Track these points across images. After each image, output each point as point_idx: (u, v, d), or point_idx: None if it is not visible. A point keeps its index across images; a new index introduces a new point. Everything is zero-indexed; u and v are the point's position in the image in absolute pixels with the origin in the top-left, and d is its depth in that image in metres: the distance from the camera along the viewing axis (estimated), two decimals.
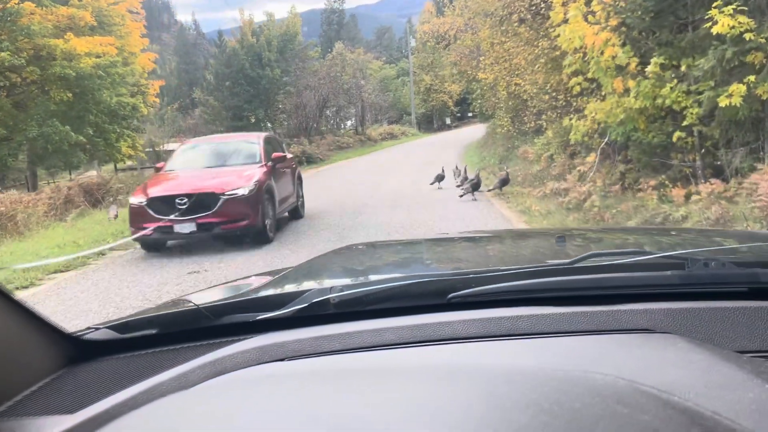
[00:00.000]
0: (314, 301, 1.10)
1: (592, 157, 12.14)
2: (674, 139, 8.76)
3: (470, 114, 54.98)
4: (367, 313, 1.10)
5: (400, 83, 51.41)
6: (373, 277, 1.47)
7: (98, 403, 0.91)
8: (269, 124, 32.15)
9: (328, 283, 1.38)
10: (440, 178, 14.89)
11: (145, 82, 21.71)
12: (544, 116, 14.61)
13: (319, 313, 1.10)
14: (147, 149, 48.40)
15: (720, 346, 0.91)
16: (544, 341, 0.96)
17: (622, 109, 9.21)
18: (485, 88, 21.59)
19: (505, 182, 12.65)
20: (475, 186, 12.68)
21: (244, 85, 30.14)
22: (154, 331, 1.15)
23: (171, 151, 43.01)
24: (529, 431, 0.59)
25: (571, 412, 0.62)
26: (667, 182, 9.06)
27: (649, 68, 8.80)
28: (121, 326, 1.14)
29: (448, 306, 1.08)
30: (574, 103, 11.86)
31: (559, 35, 9.84)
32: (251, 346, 1.01)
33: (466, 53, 23.55)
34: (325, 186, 16.03)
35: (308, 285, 1.37)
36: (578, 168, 11.88)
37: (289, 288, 1.39)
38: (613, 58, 9.19)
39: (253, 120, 31.45)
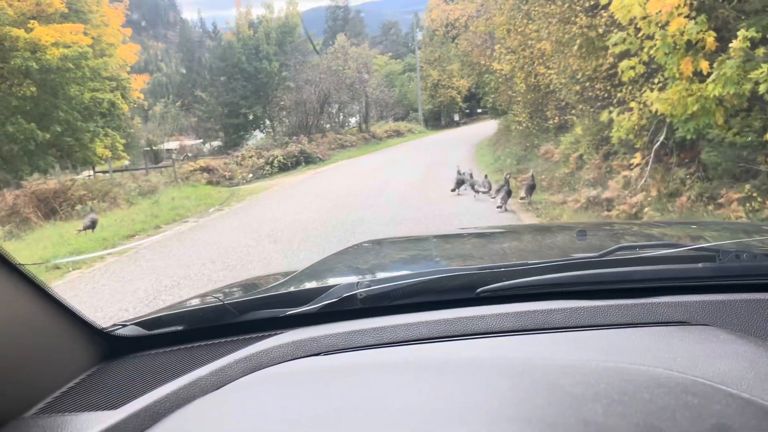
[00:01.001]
0: (343, 296, 1.09)
1: (637, 159, 9.91)
2: (767, 137, 6.55)
3: (479, 110, 52.60)
4: (393, 308, 1.08)
5: (407, 79, 49.09)
6: (395, 273, 1.41)
7: (139, 399, 0.90)
8: (268, 122, 30.02)
9: (351, 279, 1.30)
10: (461, 182, 12.69)
11: (126, 76, 19.54)
12: (573, 110, 12.35)
13: (346, 308, 1.09)
14: (145, 148, 46.60)
15: (758, 337, 0.89)
16: (579, 334, 0.93)
17: (694, 99, 6.93)
18: (500, 80, 19.31)
19: (532, 188, 10.45)
20: (508, 193, 10.72)
21: (241, 80, 28.04)
22: (180, 328, 1.14)
23: (170, 150, 40.79)
24: (608, 422, 0.58)
25: (642, 402, 0.62)
26: (755, 194, 6.83)
27: (734, 44, 6.52)
28: (149, 323, 1.13)
29: (476, 300, 1.07)
30: (619, 93, 9.61)
31: (607, 4, 7.62)
32: (286, 341, 0.99)
33: (478, 43, 21.27)
34: (317, 193, 13.84)
35: (332, 281, 1.33)
36: (623, 173, 9.63)
37: (312, 284, 1.35)
38: (682, 33, 6.90)
39: (251, 117, 29.33)
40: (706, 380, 0.69)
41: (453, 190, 12.40)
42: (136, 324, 1.13)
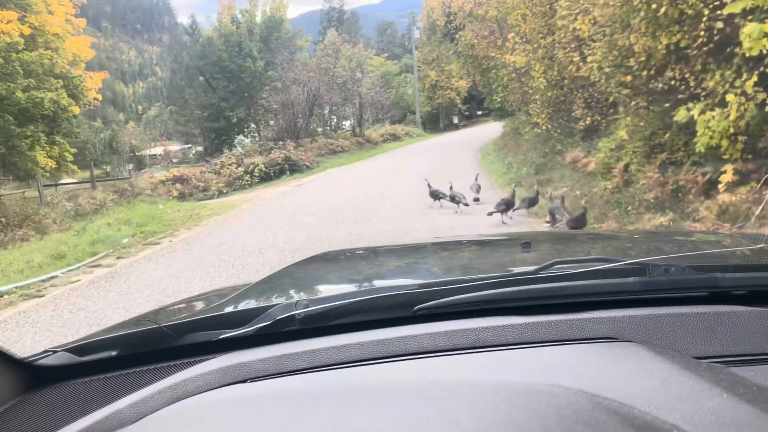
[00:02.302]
0: (278, 318, 1.04)
1: (728, 175, 6.92)
2: None
3: (479, 112, 49.65)
4: (334, 328, 1.04)
5: (403, 80, 46.03)
6: (340, 290, 1.40)
7: None
8: (253, 125, 26.94)
9: (294, 297, 1.30)
10: (435, 195, 10.70)
11: (78, 73, 16.44)
12: (611, 109, 9.34)
13: (284, 329, 1.04)
14: (128, 154, 43.52)
15: (680, 352, 0.89)
16: (509, 353, 0.92)
17: None
18: (512, 75, 16.29)
19: (580, 221, 7.44)
20: (508, 205, 9.00)
21: (222, 79, 24.97)
22: (113, 353, 1.06)
23: (154, 156, 37.63)
24: None
25: (551, 424, 0.62)
26: None
27: None
28: (78, 349, 1.06)
29: (414, 318, 1.04)
30: (709, 82, 6.62)
31: None
32: (212, 368, 0.94)
33: (485, 34, 18.26)
34: (292, 214, 10.70)
35: (274, 300, 1.30)
36: (721, 196, 6.61)
37: (254, 303, 1.29)
38: None
39: (234, 120, 26.24)
40: (614, 401, 0.68)
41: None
42: (67, 350, 1.04)
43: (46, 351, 1.04)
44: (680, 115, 7.07)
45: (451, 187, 10.47)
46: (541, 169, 14.20)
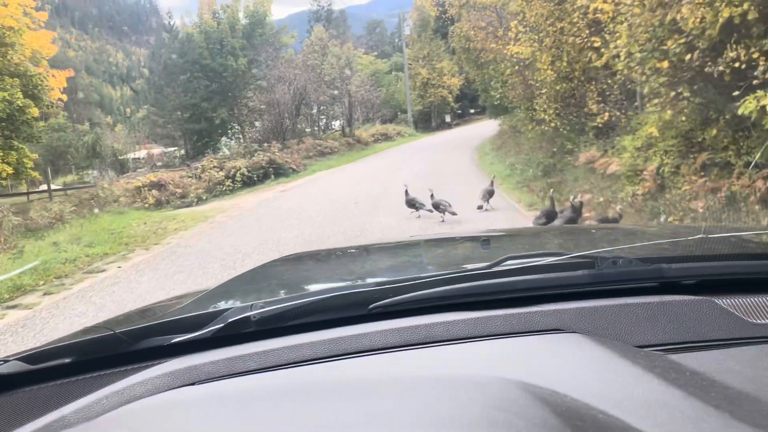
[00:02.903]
0: (231, 320, 1.02)
1: None
2: None
3: (472, 110, 48.19)
4: (291, 329, 1.03)
5: (394, 78, 44.45)
6: (297, 291, 1.40)
7: None
8: (237, 126, 25.29)
9: (251, 299, 1.24)
10: (412, 203, 9.52)
11: (38, 71, 14.77)
12: (656, 100, 7.86)
13: (240, 332, 1.03)
14: (110, 158, 41.68)
15: (623, 341, 0.90)
16: (457, 347, 0.93)
17: None
18: (515, 68, 14.79)
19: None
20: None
21: (202, 78, 23.28)
22: (68, 360, 1.05)
23: (138, 159, 35.91)
24: None
25: (454, 418, 0.62)
26: None
27: None
28: (30, 357, 1.04)
29: (371, 317, 1.04)
30: None
31: None
32: (162, 372, 0.93)
33: (483, 24, 16.74)
34: (270, 228, 9.10)
35: (232, 303, 1.26)
36: None
37: (211, 307, 1.25)
38: None
39: (217, 122, 24.58)
40: (546, 390, 0.69)
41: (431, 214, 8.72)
42: (19, 359, 1.01)
43: None
44: (747, 107, 5.58)
45: (432, 195, 9.09)
46: (550, 170, 12.73)
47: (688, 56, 6.91)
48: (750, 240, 1.50)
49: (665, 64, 7.40)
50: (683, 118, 7.40)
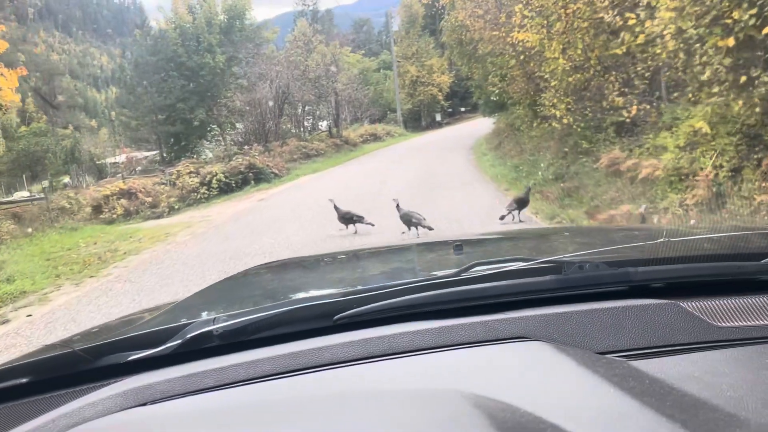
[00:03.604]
0: (190, 336, 0.97)
1: None
2: None
3: (463, 109, 46.55)
4: (255, 343, 0.98)
5: (382, 77, 42.69)
6: (264, 303, 1.27)
7: None
8: (217, 128, 23.46)
9: (218, 312, 1.17)
10: (348, 218, 8.20)
11: None
12: (717, 87, 6.22)
13: (202, 347, 0.97)
14: (87, 163, 39.59)
15: (587, 348, 0.88)
16: (421, 358, 0.90)
17: None
18: (520, 58, 13.13)
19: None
20: None
21: (178, 77, 21.40)
22: (24, 380, 1.00)
23: (116, 164, 33.85)
24: None
25: (453, 427, 0.62)
26: None
27: None
28: None
29: (336, 328, 0.99)
30: None
31: None
32: (115, 392, 0.89)
33: (480, 13, 15.05)
34: (231, 258, 7.22)
35: (194, 317, 1.14)
36: None
37: (174, 322, 1.14)
38: None
39: (196, 123, 22.72)
40: (500, 402, 0.68)
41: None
42: None
43: None
44: None
45: (398, 206, 7.46)
46: (563, 173, 11.08)
47: (766, 30, 5.30)
48: (714, 242, 1.45)
49: (730, 41, 5.77)
50: (757, 109, 5.76)
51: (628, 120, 9.09)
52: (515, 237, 2.42)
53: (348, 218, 7.95)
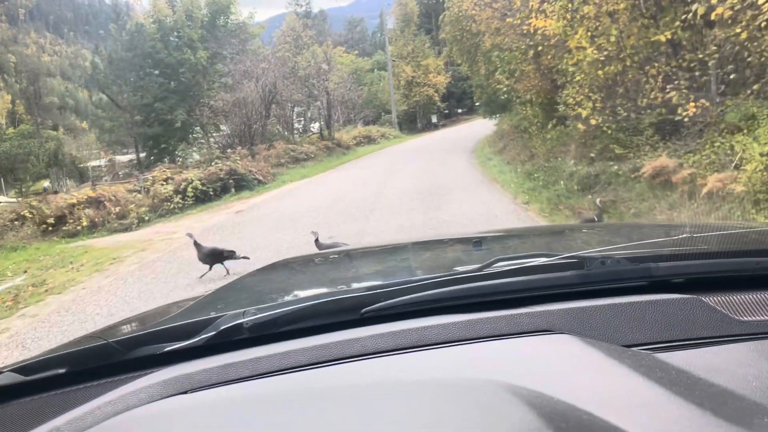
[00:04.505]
0: (223, 328, 0.99)
1: None
2: None
3: (459, 110, 44.76)
4: (283, 336, 0.99)
5: (376, 77, 40.80)
6: (289, 298, 1.38)
7: None
8: (199, 130, 21.55)
9: (243, 307, 1.12)
10: (215, 255, 6.32)
11: None
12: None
13: (232, 339, 0.99)
14: (69, 167, 37.50)
15: (612, 341, 0.89)
16: (449, 350, 0.91)
17: None
18: (537, 48, 11.33)
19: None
20: None
21: (156, 75, 19.47)
22: (62, 371, 1.01)
23: (98, 168, 31.82)
24: None
25: (442, 421, 0.63)
26: None
27: None
28: (23, 369, 1.01)
29: (363, 321, 1.01)
30: None
31: None
32: (155, 381, 0.91)
33: (487, 1, 13.22)
34: (187, 296, 5.42)
35: (224, 310, 1.16)
36: None
37: (204, 315, 1.15)
38: None
39: (177, 125, 20.80)
40: (533, 392, 0.68)
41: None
42: (12, 371, 0.99)
43: None
44: None
45: (317, 240, 5.67)
46: (590, 182, 9.27)
47: None
48: (735, 237, 1.43)
49: None
50: None
51: (685, 120, 7.27)
52: (534, 233, 2.38)
53: (216, 255, 6.03)
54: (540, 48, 10.88)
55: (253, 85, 19.65)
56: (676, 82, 7.84)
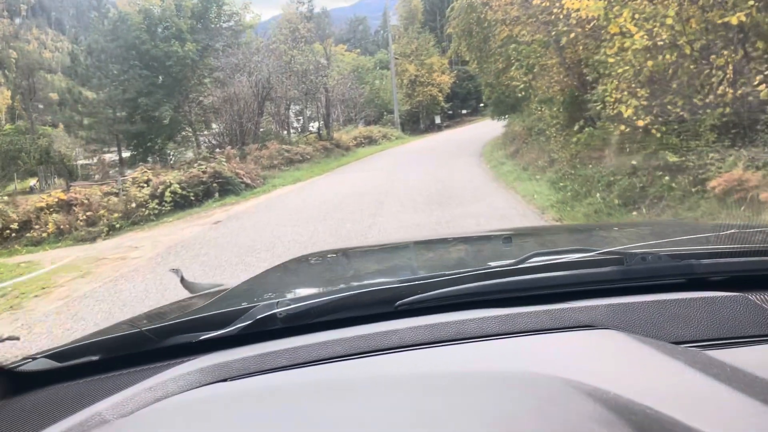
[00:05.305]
0: (259, 317, 0.98)
1: None
2: None
3: (464, 111, 43.09)
4: (316, 326, 0.99)
5: (379, 75, 39.08)
6: (322, 289, 1.35)
7: None
8: (189, 128, 19.89)
9: (276, 297, 1.20)
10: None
11: None
12: None
13: (266, 329, 0.99)
14: (58, 165, 35.77)
15: (657, 338, 0.87)
16: (489, 344, 0.90)
17: None
18: (577, 34, 9.63)
19: None
20: None
21: (140, 68, 17.80)
22: (96, 358, 1.02)
23: (87, 166, 30.08)
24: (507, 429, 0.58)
25: (506, 414, 0.61)
26: None
27: None
28: (58, 355, 1.01)
29: (397, 314, 1.00)
30: None
31: None
32: (193, 368, 0.90)
33: None
34: None
35: (256, 300, 1.18)
36: None
37: (236, 305, 1.16)
38: None
39: (165, 122, 19.14)
40: (588, 386, 0.66)
41: None
42: (47, 357, 0.99)
43: (26, 357, 1.00)
44: None
45: (182, 279, 3.78)
46: (634, 196, 7.60)
47: None
48: None
49: None
50: None
51: (717, 123, 5.61)
52: (568, 231, 2.30)
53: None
54: (570, 36, 9.17)
55: (245, 79, 17.98)
56: (750, 75, 6.18)
